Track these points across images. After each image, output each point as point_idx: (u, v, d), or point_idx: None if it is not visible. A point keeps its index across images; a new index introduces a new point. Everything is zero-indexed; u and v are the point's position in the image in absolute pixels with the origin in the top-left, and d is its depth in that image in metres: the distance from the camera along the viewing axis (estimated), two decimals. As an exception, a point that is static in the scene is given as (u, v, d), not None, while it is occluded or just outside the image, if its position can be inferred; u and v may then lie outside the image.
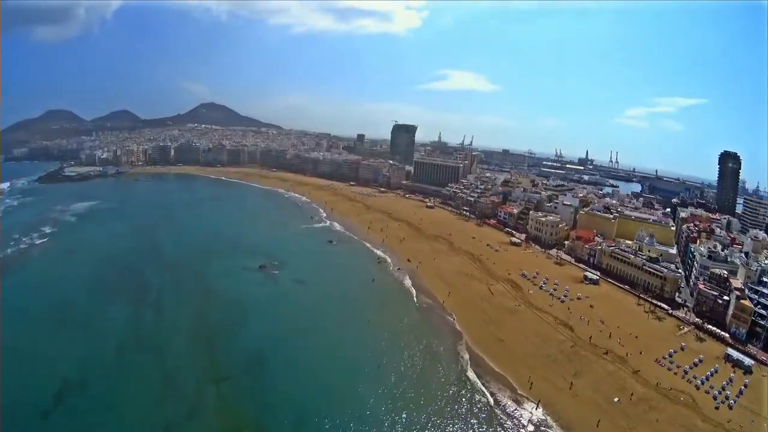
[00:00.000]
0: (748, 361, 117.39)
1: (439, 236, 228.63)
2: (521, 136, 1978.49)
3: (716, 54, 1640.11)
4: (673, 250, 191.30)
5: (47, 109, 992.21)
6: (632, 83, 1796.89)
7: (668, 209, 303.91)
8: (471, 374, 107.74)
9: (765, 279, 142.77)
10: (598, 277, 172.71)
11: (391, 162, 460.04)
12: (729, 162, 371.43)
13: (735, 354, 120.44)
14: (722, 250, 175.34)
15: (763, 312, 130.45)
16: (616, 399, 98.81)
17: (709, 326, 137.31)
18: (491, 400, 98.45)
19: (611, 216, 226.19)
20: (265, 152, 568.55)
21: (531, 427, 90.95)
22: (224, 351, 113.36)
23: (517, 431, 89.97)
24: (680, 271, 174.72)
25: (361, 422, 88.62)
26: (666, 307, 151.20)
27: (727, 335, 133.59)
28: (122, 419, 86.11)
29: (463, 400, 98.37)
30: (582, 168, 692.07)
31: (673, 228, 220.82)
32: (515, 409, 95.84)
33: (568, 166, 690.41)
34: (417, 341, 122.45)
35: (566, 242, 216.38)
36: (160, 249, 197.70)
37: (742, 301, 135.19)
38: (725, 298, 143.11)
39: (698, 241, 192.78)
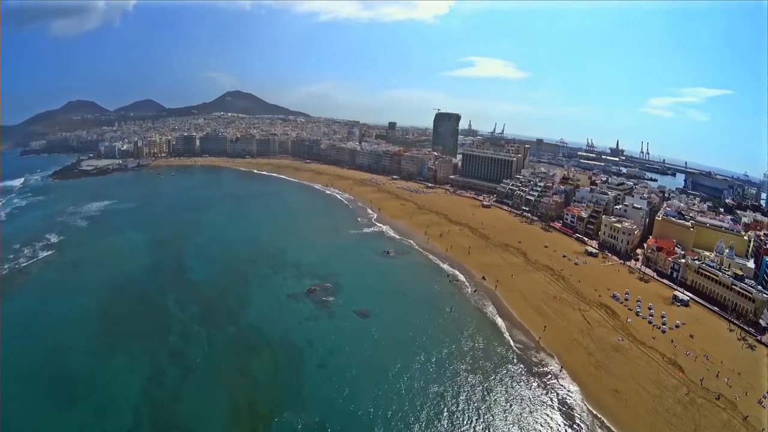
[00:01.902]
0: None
1: (508, 245, 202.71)
2: (548, 124, 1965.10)
3: (741, 45, 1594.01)
4: (751, 264, 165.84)
5: (68, 101, 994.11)
6: (657, 72, 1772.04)
7: (721, 209, 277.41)
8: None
9: None
10: (688, 298, 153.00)
11: (435, 154, 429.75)
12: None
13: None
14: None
15: None
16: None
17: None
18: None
19: (689, 224, 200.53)
20: (297, 142, 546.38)
21: None
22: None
23: None
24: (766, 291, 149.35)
25: None
26: (754, 332, 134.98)
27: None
28: None
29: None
30: (617, 159, 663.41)
31: (746, 237, 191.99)
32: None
33: (603, 157, 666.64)
34: (527, 402, 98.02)
35: (639, 251, 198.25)
36: (184, 267, 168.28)
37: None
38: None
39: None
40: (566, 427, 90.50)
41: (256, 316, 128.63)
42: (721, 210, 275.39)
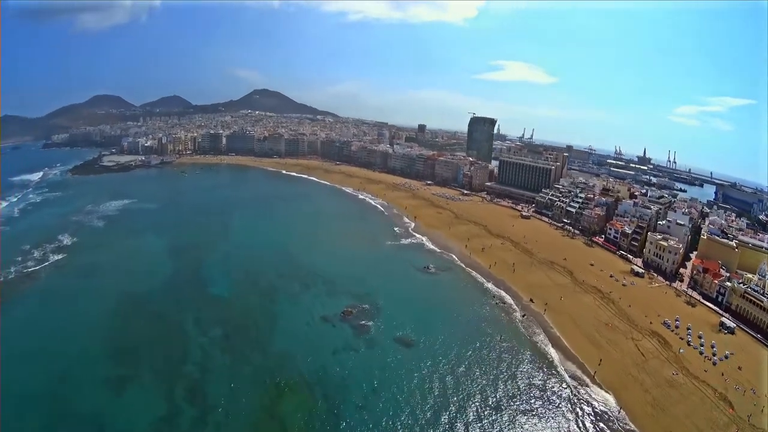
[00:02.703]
0: None
1: (554, 262, 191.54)
2: (574, 130, 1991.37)
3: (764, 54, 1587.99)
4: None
5: (94, 95, 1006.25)
6: (684, 80, 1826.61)
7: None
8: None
9: None
10: (734, 326, 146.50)
11: (471, 159, 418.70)
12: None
13: None
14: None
15: None
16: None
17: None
18: None
19: (733, 244, 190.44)
20: (327, 143, 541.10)
21: None
22: None
23: None
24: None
25: None
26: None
27: None
28: None
29: None
30: (645, 168, 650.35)
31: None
32: None
33: (632, 165, 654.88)
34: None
35: (682, 271, 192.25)
36: (206, 280, 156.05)
37: None
38: None
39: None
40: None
41: (286, 343, 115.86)
42: (755, 226, 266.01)
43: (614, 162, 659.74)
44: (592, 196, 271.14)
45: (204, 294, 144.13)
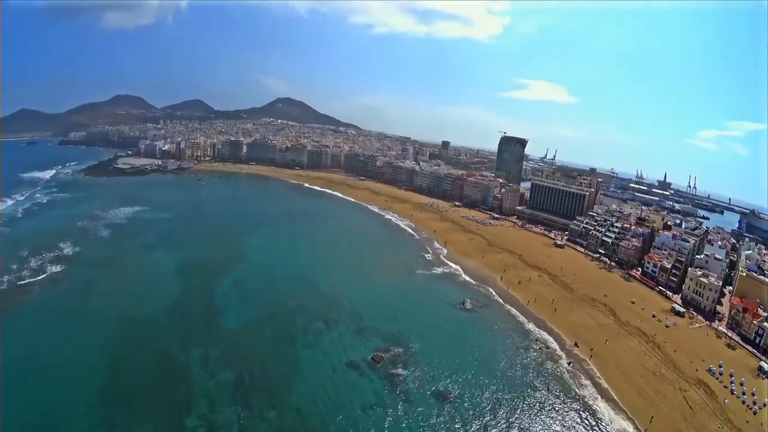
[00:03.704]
0: None
1: (595, 299, 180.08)
2: (595, 151, 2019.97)
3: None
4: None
5: (115, 94, 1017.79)
6: (706, 103, 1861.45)
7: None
8: None
9: None
10: None
11: (501, 181, 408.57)
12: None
13: None
14: None
15: None
16: None
17: None
18: None
19: None
20: (351, 156, 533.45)
21: None
22: None
23: None
24: None
25: None
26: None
27: None
28: None
29: None
30: (667, 193, 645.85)
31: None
32: None
33: (654, 190, 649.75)
34: None
35: (719, 309, 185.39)
36: (216, 309, 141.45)
37: None
38: None
39: None
40: None
41: (308, 393, 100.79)
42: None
43: (637, 186, 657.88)
44: (628, 225, 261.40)
45: (214, 326, 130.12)
